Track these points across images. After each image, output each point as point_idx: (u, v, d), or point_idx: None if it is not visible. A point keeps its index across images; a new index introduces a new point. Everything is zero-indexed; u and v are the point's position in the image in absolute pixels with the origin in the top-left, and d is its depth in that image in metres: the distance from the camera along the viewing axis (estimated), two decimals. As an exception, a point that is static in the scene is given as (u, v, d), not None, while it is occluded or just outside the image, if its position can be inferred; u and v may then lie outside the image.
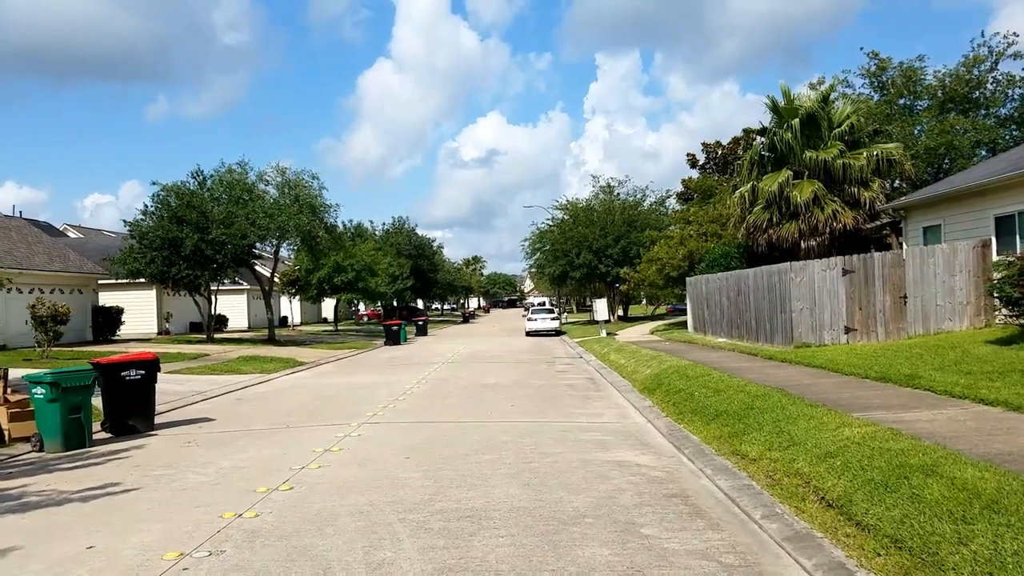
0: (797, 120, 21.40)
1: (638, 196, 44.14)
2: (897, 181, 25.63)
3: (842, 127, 21.59)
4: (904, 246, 19.31)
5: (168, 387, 16.02)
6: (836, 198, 21.01)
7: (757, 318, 17.89)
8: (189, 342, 30.38)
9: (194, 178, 30.42)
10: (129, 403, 10.98)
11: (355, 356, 26.29)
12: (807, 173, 21.38)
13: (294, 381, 17.72)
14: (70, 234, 54.09)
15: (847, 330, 15.67)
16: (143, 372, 11.13)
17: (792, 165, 21.63)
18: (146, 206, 29.39)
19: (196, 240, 27.72)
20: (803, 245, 21.12)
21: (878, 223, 21.33)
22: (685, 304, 65.17)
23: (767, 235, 21.67)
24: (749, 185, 22.17)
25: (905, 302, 15.69)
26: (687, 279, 25.25)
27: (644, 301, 67.45)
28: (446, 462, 7.93)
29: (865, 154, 20.75)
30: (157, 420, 11.80)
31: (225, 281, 32.62)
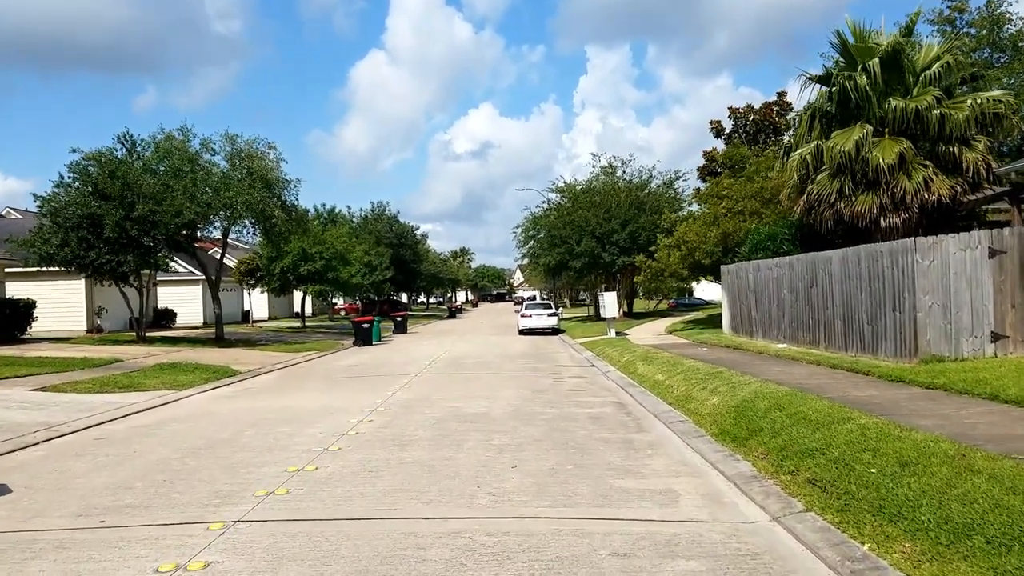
0: (876, 60, 16.48)
1: (644, 177, 39.21)
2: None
3: (931, 70, 16.70)
4: (1030, 222, 14.52)
5: (6, 415, 11.02)
6: (928, 161, 16.18)
7: (847, 318, 13.03)
8: (116, 342, 25.25)
9: (122, 143, 25.21)
10: None
11: (310, 361, 21.26)
12: (888, 129, 16.55)
13: (201, 405, 12.68)
14: (12, 216, 48.58)
15: (994, 337, 10.84)
16: None
17: (867, 119, 16.77)
18: (61, 177, 24.15)
19: (119, 218, 22.56)
20: (883, 223, 16.24)
21: (982, 194, 16.52)
22: (687, 299, 60.83)
23: (835, 210, 16.78)
24: (812, 146, 17.26)
25: (1076, 296, 10.87)
26: (723, 267, 20.35)
27: (641, 295, 62.67)
28: None
29: (969, 103, 15.89)
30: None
31: (162, 268, 27.38)
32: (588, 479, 6.75)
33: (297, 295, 46.08)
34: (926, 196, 15.84)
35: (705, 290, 64.35)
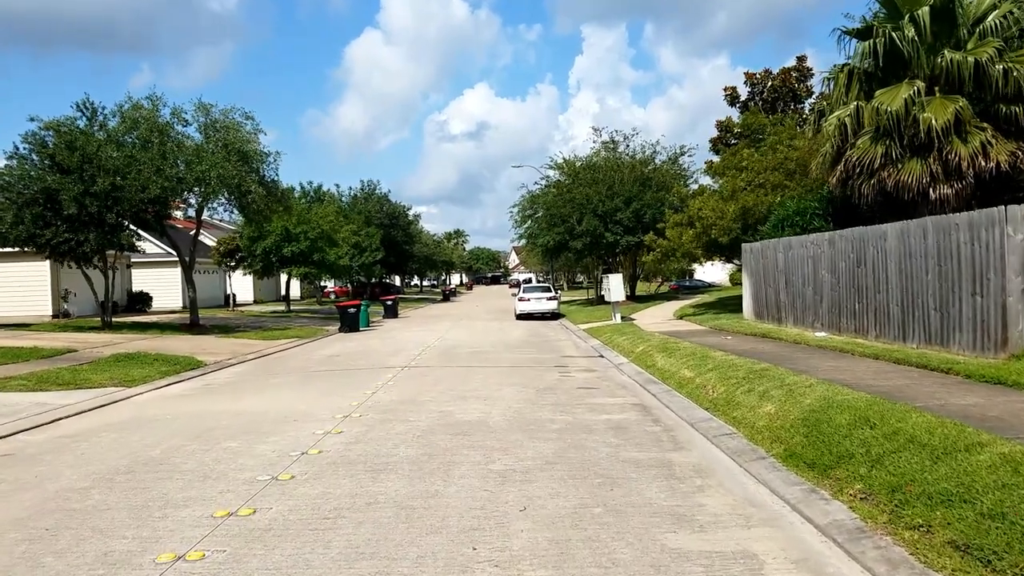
0: (925, 9, 14.50)
1: (648, 152, 37.09)
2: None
3: (987, 21, 14.73)
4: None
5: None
6: (985, 123, 14.24)
7: (906, 303, 11.14)
8: (80, 328, 23.28)
9: (82, 112, 23.02)
10: None
11: (287, 351, 19.32)
12: (939, 87, 14.60)
13: (146, 408, 10.73)
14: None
15: (1099, 326, 8.95)
16: None
17: (915, 76, 14.81)
18: (16, 147, 22.02)
19: (77, 193, 20.49)
20: (932, 195, 14.32)
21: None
22: (687, 281, 58.89)
23: (876, 180, 14.84)
24: (851, 107, 15.28)
25: None
26: (744, 246, 18.41)
27: (641, 277, 60.77)
28: None
29: (1035, 56, 13.94)
30: None
31: (128, 248, 25.27)
32: (627, 532, 4.84)
33: (283, 278, 44.03)
34: (983, 163, 13.93)
35: (707, 272, 62.47)
